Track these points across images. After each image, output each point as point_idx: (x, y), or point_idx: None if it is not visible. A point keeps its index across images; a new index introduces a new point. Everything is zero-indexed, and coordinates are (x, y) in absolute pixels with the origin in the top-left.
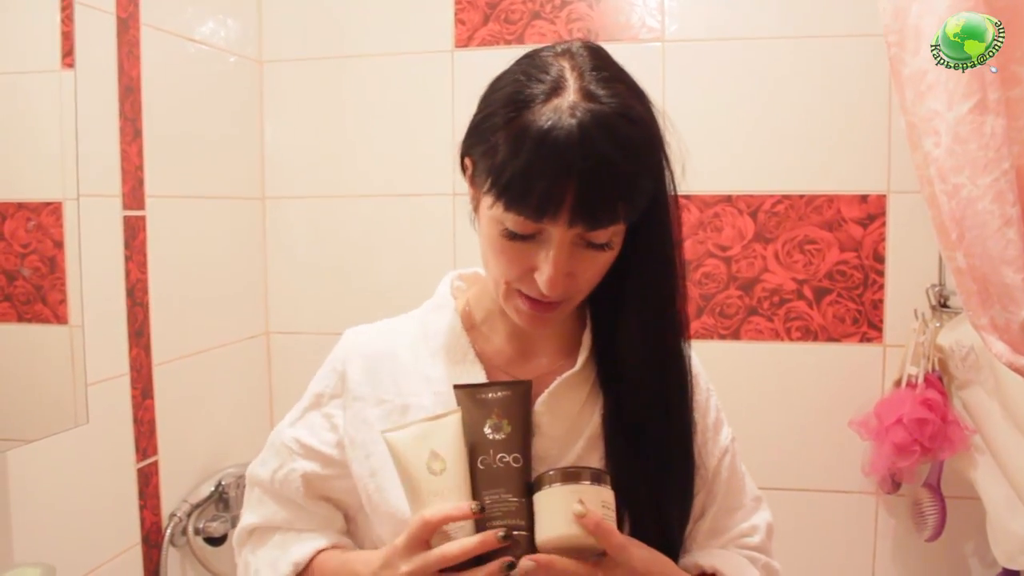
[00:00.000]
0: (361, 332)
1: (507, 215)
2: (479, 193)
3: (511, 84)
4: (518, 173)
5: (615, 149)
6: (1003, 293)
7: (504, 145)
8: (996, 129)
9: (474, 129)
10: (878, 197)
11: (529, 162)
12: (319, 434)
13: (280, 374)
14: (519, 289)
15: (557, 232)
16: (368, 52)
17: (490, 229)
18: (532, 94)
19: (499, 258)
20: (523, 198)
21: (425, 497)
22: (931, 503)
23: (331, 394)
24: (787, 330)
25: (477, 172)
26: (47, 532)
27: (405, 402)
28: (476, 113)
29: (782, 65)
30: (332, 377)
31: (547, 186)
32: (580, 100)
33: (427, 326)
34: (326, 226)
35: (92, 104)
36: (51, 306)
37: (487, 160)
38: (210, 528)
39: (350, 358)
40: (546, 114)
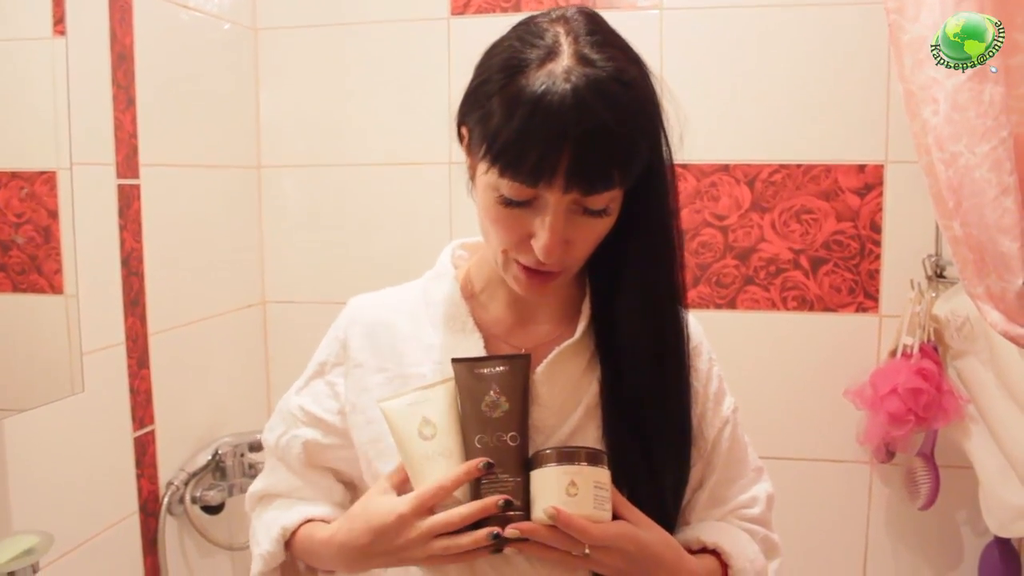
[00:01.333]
0: (363, 300)
1: (502, 181)
2: (475, 160)
3: (506, 50)
4: (513, 138)
5: (610, 113)
6: (999, 262)
7: (499, 111)
8: (994, 97)
9: (469, 96)
10: (875, 167)
11: (523, 127)
12: (322, 402)
13: (276, 343)
14: (516, 258)
15: (553, 198)
16: (364, 19)
17: (486, 197)
18: (526, 59)
19: (496, 226)
20: (518, 163)
21: (418, 462)
22: (925, 472)
23: (333, 362)
24: (783, 300)
25: (472, 139)
26: (44, 501)
27: (406, 371)
28: (472, 80)
29: (780, 33)
30: (335, 345)
31: (542, 151)
32: (575, 65)
33: (428, 295)
34: (322, 195)
35: (85, 72)
36: (46, 276)
37: (482, 126)
38: (207, 497)
39: (351, 326)
40: (540, 79)
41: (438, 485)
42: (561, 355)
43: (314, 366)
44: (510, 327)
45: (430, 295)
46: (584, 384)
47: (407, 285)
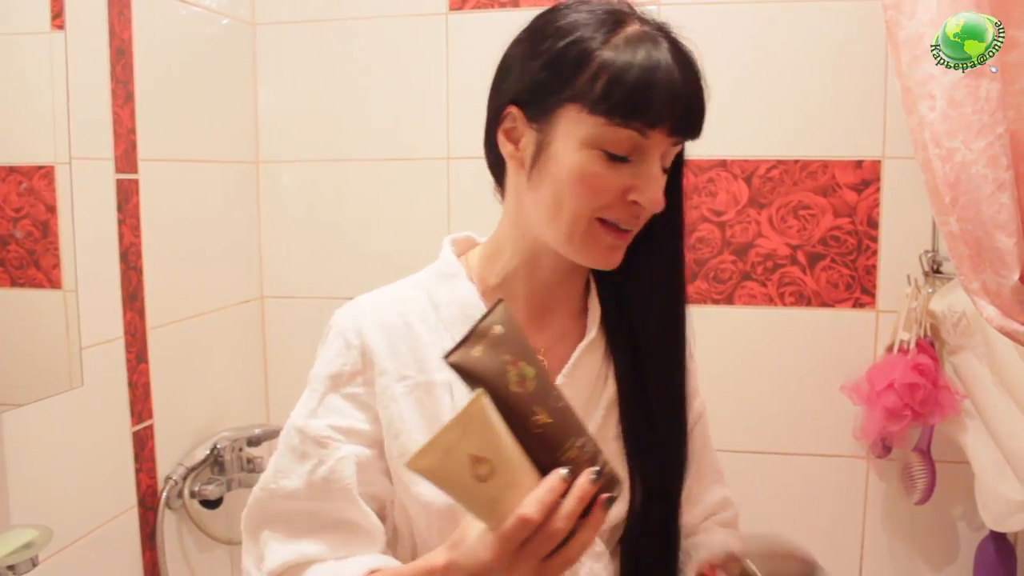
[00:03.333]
0: (368, 304)
1: (612, 132)
2: (545, 135)
3: (573, 19)
4: (635, 85)
5: (693, 61)
6: (995, 257)
7: (608, 66)
8: (991, 93)
9: (527, 71)
10: (873, 163)
11: (645, 72)
12: (350, 415)
13: (275, 338)
14: (602, 220)
15: (656, 146)
16: (362, 14)
17: (579, 160)
18: (607, 21)
19: (588, 188)
20: (641, 108)
21: (487, 507)
22: (921, 467)
23: (351, 372)
24: (780, 295)
25: (545, 110)
26: (43, 495)
27: (428, 379)
28: (522, 60)
29: (777, 29)
30: (349, 354)
31: (663, 94)
32: (650, 27)
33: (436, 296)
34: (320, 190)
35: (83, 66)
36: (44, 270)
37: (578, 87)
38: (206, 491)
39: (367, 330)
40: (634, 35)
41: (520, 519)
42: (582, 355)
43: (323, 381)
44: (525, 324)
45: (438, 296)
46: (601, 382)
47: (402, 285)
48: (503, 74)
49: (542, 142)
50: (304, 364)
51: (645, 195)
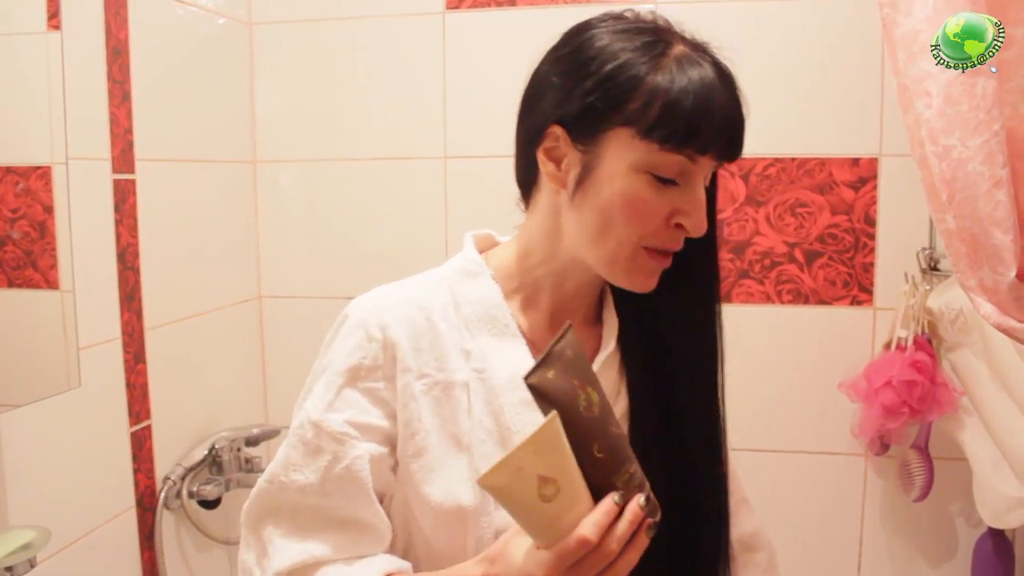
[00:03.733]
0: (390, 297)
1: (663, 158)
2: (591, 157)
3: (621, 36)
4: (690, 112)
5: (735, 83)
6: (992, 254)
7: (661, 91)
8: (987, 90)
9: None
10: (870, 160)
11: (699, 99)
12: (368, 410)
13: (273, 338)
14: (648, 245)
15: (704, 169)
16: (359, 14)
17: (627, 185)
18: (656, 43)
19: (636, 213)
20: (695, 135)
21: (545, 525)
22: (919, 464)
23: (370, 366)
24: (778, 293)
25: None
26: (41, 495)
27: (448, 378)
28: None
29: (774, 27)
30: (371, 347)
31: (716, 121)
32: (693, 50)
33: (458, 294)
34: (318, 189)
35: (80, 66)
36: (42, 271)
37: (630, 111)
38: (204, 491)
39: (390, 324)
40: (683, 60)
41: (580, 540)
42: (603, 366)
43: (341, 374)
44: (544, 332)
45: (461, 294)
46: (614, 394)
47: (424, 281)
48: (540, 91)
49: (588, 164)
50: (303, 364)
51: (691, 219)
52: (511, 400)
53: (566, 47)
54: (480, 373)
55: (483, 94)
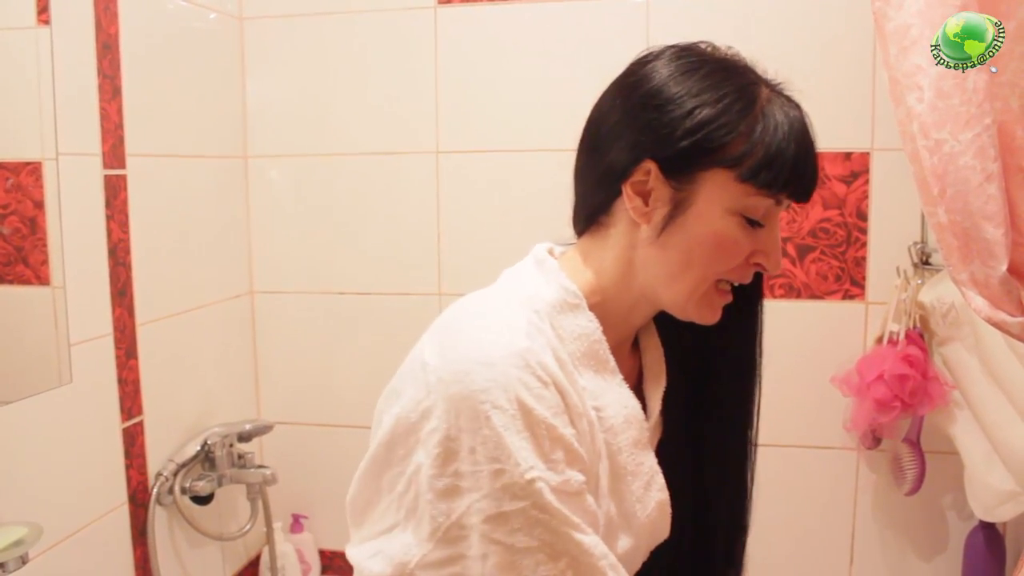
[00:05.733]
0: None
1: (758, 201)
2: (685, 195)
3: (713, 79)
4: (791, 160)
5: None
6: (983, 248)
7: (761, 136)
8: (978, 84)
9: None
10: (861, 155)
11: (798, 146)
12: (582, 459)
13: (265, 333)
14: (720, 282)
15: (780, 212)
16: (350, 8)
17: (719, 226)
18: (747, 86)
19: (724, 252)
20: (794, 182)
21: None
22: (911, 458)
23: (557, 411)
24: (770, 287)
25: (689, 169)
26: (33, 492)
27: (584, 418)
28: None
29: (765, 21)
30: (548, 392)
31: (810, 168)
32: (777, 94)
33: (560, 329)
34: (309, 184)
35: (70, 62)
36: (33, 267)
37: (731, 153)
38: (196, 487)
39: (547, 363)
40: (775, 104)
41: None
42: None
43: (541, 425)
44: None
45: (564, 329)
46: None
47: (522, 311)
48: (620, 124)
49: (681, 202)
50: (295, 359)
51: (770, 258)
52: (627, 440)
53: (649, 81)
54: (599, 412)
55: (475, 89)
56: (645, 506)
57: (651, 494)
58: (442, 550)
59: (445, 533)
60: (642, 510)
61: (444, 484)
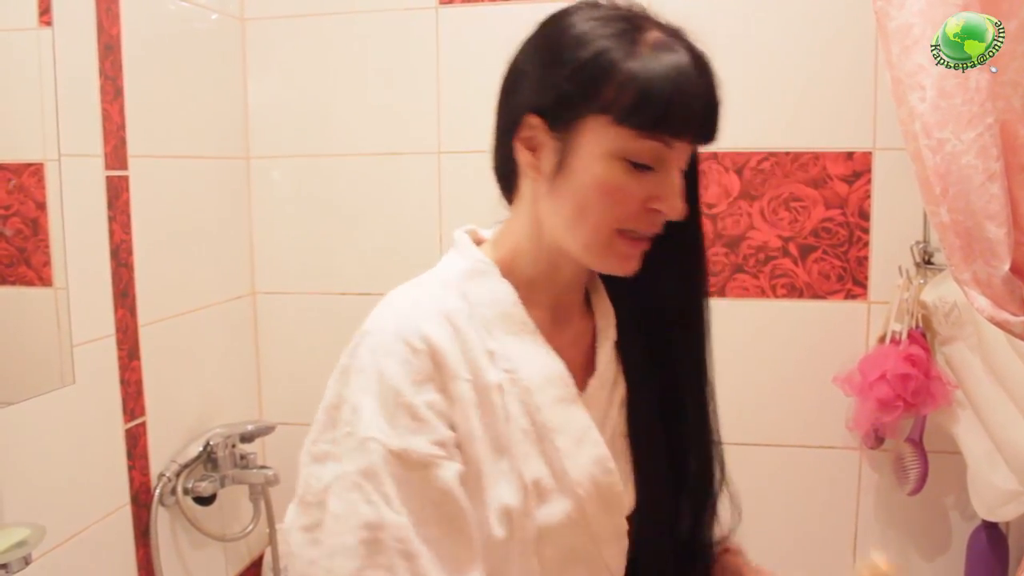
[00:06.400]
0: (414, 305)
1: (638, 144)
2: (568, 144)
3: (596, 23)
4: (663, 97)
5: (710, 67)
6: (986, 248)
7: (634, 77)
8: (980, 84)
9: (551, 81)
10: (863, 154)
11: (672, 84)
12: (437, 425)
13: (267, 334)
14: (624, 229)
15: (677, 155)
16: (352, 8)
17: (604, 170)
18: (627, 30)
19: (611, 199)
20: (668, 120)
21: None
22: (913, 458)
23: (422, 379)
24: (772, 287)
25: (569, 119)
26: (36, 493)
27: (483, 382)
28: (542, 68)
29: (767, 21)
30: (417, 360)
31: (690, 106)
32: (668, 35)
33: (470, 296)
34: (311, 185)
35: (72, 63)
36: (35, 268)
37: (606, 98)
38: (199, 488)
39: (427, 331)
40: (658, 44)
41: None
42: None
43: (396, 394)
44: (550, 326)
45: (473, 295)
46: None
47: (431, 284)
48: (516, 81)
49: (565, 152)
50: (297, 359)
51: (667, 203)
52: (548, 398)
53: (541, 36)
54: (511, 374)
55: (476, 89)
56: (577, 462)
57: (584, 450)
58: (309, 515)
59: (315, 497)
60: (575, 467)
61: (318, 450)
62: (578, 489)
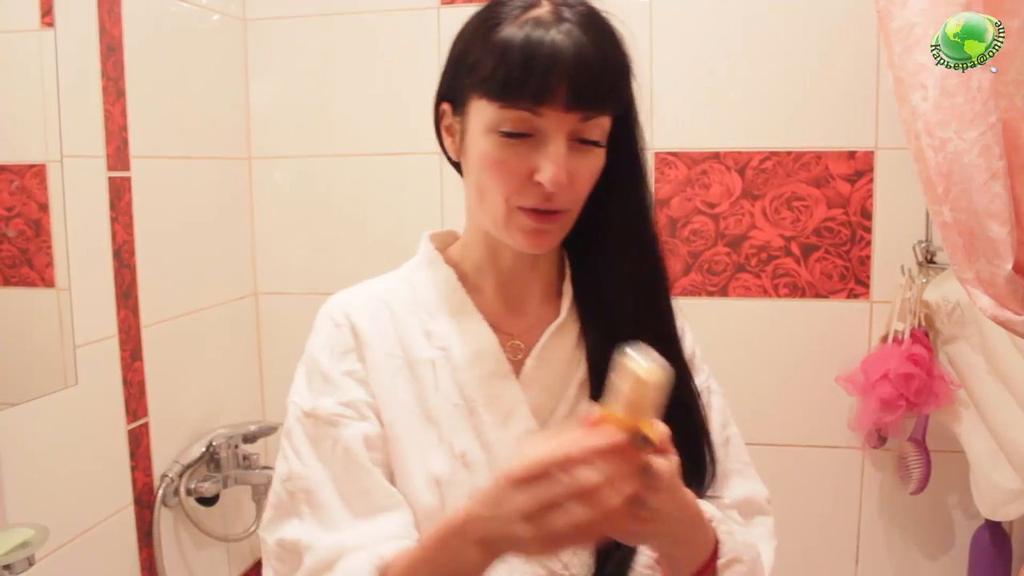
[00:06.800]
0: (351, 292)
1: (505, 114)
2: (465, 121)
3: (484, 12)
4: (516, 65)
5: (598, 37)
6: (988, 247)
7: (496, 48)
8: (983, 83)
9: (452, 66)
10: (865, 153)
11: (524, 51)
12: (353, 389)
13: (269, 334)
14: (519, 205)
15: (554, 123)
16: (353, 9)
17: (484, 144)
18: (508, 10)
19: (496, 173)
20: (522, 85)
21: None
22: (916, 457)
23: (343, 350)
24: (775, 287)
25: (461, 101)
26: (39, 494)
27: (412, 357)
28: (450, 55)
29: (770, 20)
30: (339, 333)
31: (543, 70)
32: (557, 7)
33: (415, 283)
34: (313, 185)
35: (74, 64)
36: (37, 269)
37: (478, 75)
38: (202, 488)
39: (352, 311)
40: (531, 17)
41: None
42: (552, 337)
43: (318, 362)
44: (501, 312)
45: (418, 282)
46: (574, 364)
47: (384, 277)
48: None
49: (463, 133)
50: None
51: (545, 174)
52: (476, 374)
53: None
54: (444, 351)
55: None
56: (504, 437)
57: (512, 425)
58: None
59: None
60: (500, 442)
61: None
62: (503, 464)
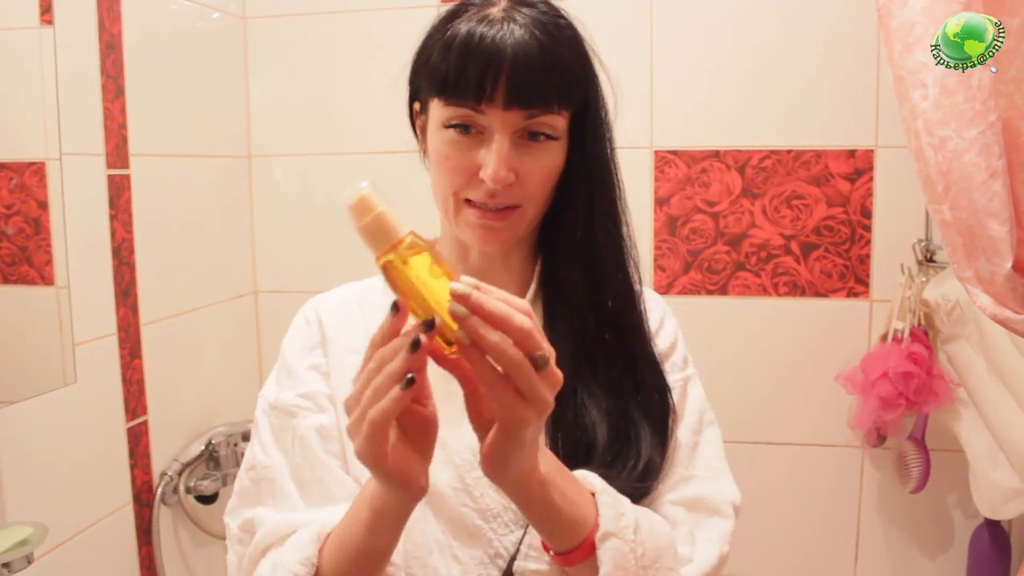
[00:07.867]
0: (328, 292)
1: (450, 111)
2: (425, 122)
3: (448, 10)
4: (455, 62)
5: (543, 35)
6: (988, 246)
7: (442, 47)
8: (983, 81)
9: (414, 63)
10: (866, 152)
11: (464, 49)
12: (314, 381)
13: (269, 333)
14: (467, 199)
15: (497, 120)
16: (353, 7)
17: (437, 141)
18: (462, 10)
19: (444, 168)
20: (460, 83)
21: None
22: (915, 456)
23: (311, 345)
24: (774, 285)
25: (423, 99)
26: (38, 492)
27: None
28: (415, 54)
29: (770, 18)
30: (308, 329)
31: (481, 66)
32: (510, 5)
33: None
34: (313, 183)
35: (73, 62)
36: (37, 267)
37: (429, 72)
38: (201, 486)
39: (322, 309)
40: (483, 12)
41: None
42: None
43: (286, 356)
44: None
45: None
46: None
47: (365, 281)
48: None
49: (425, 131)
50: None
51: (486, 171)
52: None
53: None
54: None
55: None
56: (458, 432)
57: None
58: None
59: None
60: (454, 437)
61: None
62: (456, 458)
